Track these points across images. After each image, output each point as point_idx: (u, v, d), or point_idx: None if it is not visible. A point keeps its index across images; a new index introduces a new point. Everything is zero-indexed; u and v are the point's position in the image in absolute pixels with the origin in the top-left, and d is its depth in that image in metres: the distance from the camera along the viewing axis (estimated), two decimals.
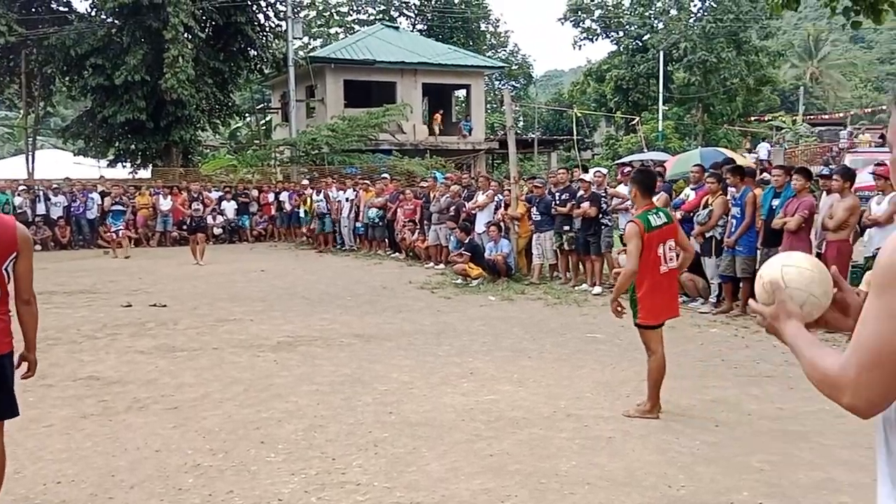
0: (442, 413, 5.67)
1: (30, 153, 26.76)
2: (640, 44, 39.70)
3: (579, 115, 24.84)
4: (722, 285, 9.89)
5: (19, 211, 20.01)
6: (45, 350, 7.78)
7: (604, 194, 11.92)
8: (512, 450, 4.88)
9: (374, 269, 15.32)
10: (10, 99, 28.06)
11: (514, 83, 53.83)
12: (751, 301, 1.81)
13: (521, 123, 51.95)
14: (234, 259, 17.24)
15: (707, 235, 9.90)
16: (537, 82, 69.59)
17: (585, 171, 14.47)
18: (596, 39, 42.29)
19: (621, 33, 40.94)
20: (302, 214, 20.49)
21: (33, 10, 25.09)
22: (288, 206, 22.13)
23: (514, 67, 52.48)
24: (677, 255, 5.60)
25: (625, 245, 5.86)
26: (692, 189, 10.86)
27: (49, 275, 14.16)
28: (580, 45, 44.01)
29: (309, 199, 19.84)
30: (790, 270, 1.71)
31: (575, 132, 27.29)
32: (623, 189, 12.21)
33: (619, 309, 5.51)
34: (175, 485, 4.37)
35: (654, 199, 6.05)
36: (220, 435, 5.22)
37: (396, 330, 8.90)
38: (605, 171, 13.63)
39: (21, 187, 21.09)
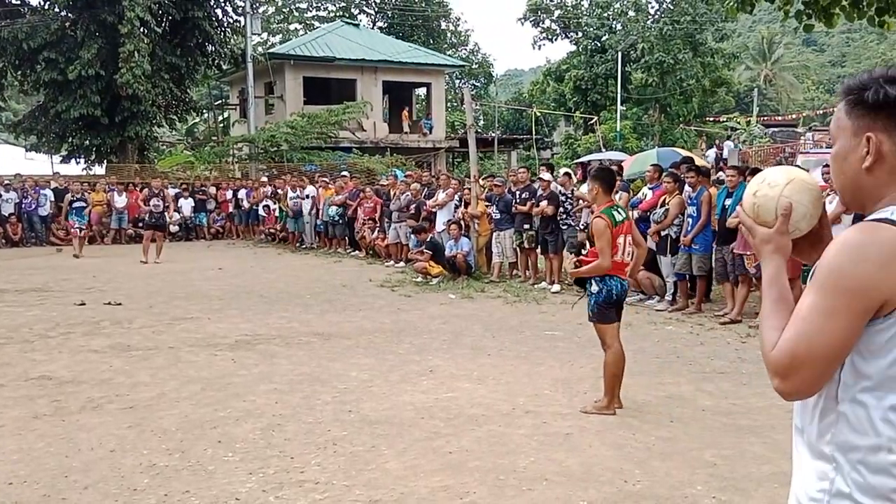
0: (401, 411, 5.67)
1: None
2: (599, 44, 40.00)
3: (538, 114, 24.99)
4: (677, 283, 10.04)
5: None
6: None
7: (570, 195, 12.00)
8: (471, 447, 4.90)
9: (335, 267, 15.25)
10: None
11: (474, 82, 53.89)
12: (739, 210, 1.84)
13: (481, 122, 52.00)
14: (190, 257, 17.02)
15: (663, 234, 10.05)
16: (497, 81, 69.74)
17: (552, 169, 14.54)
18: (555, 39, 42.49)
19: (580, 34, 41.20)
20: (277, 213, 20.19)
21: None
22: (246, 204, 21.91)
23: (474, 66, 52.56)
24: (632, 252, 5.70)
25: (592, 245, 5.93)
26: (649, 188, 11.01)
27: (0, 272, 13.87)
28: (540, 45, 44.25)
29: (284, 197, 19.52)
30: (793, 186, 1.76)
31: (534, 131, 27.43)
32: (584, 188, 12.33)
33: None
34: (130, 485, 4.31)
35: (616, 197, 6.16)
36: (176, 434, 5.16)
37: (356, 328, 8.87)
38: (571, 173, 13.74)
39: None
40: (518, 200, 12.34)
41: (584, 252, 6.55)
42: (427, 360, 7.30)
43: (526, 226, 12.20)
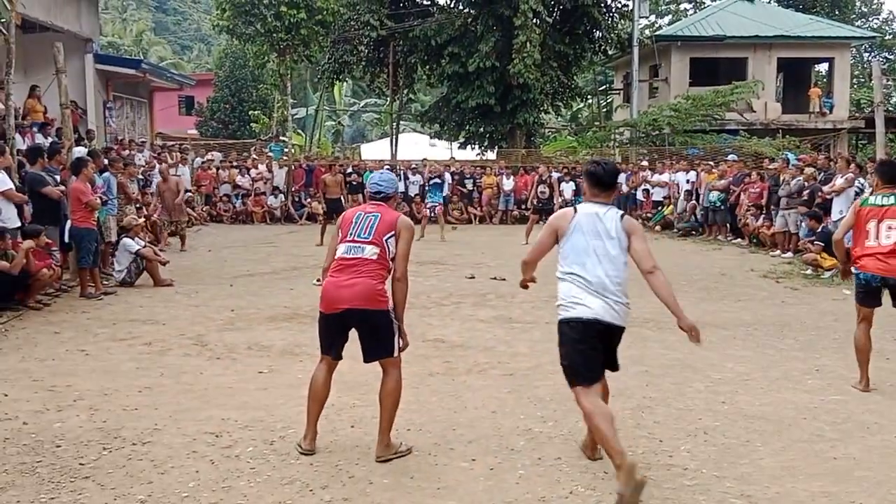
0: (781, 408, 5.32)
1: (394, 136, 29.71)
2: None
3: None
4: None
5: None
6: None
7: None
8: (860, 455, 4.44)
9: (714, 254, 14.70)
10: (380, 87, 31.29)
11: (887, 55, 47.77)
12: None
13: (893, 100, 46.00)
14: None
15: None
16: None
17: None
18: None
19: None
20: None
21: (401, 5, 27.72)
22: (625, 188, 22.04)
23: (887, 37, 46.57)
24: None
25: None
26: None
27: None
28: None
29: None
30: None
31: None
32: None
33: None
34: (508, 445, 4.65)
35: None
36: (550, 404, 5.43)
37: (734, 319, 8.49)
38: None
39: (386, 167, 23.53)
40: None
41: None
42: (813, 357, 6.74)
43: None
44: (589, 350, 4.02)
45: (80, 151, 11.55)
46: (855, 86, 39.93)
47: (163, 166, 16.03)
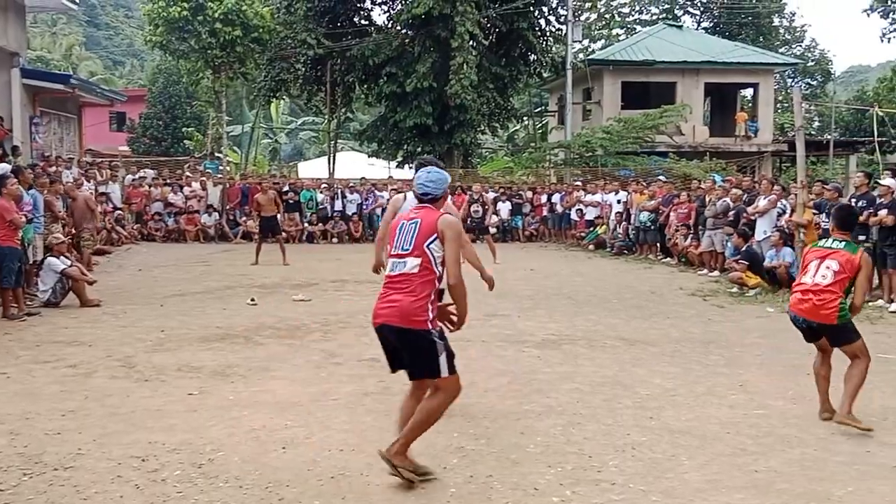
0: (706, 423, 5.47)
1: (331, 155, 29.62)
2: None
3: (881, 113, 22.33)
4: None
5: (321, 207, 22.30)
6: (336, 332, 8.65)
7: None
8: (780, 468, 4.59)
9: (644, 273, 15.03)
10: (317, 106, 31.20)
11: (809, 81, 49.74)
12: None
13: (815, 124, 47.87)
14: (505, 257, 17.75)
15: None
16: (837, 79, 63.68)
17: (895, 175, 13.02)
18: None
19: None
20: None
21: (339, 24, 27.75)
22: (559, 208, 22.40)
23: (809, 64, 48.53)
24: None
25: None
26: None
27: (343, 265, 15.63)
28: (889, 38, 39.62)
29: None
30: None
31: (876, 133, 24.59)
32: None
33: None
34: (441, 463, 4.66)
35: None
36: (483, 422, 5.47)
37: (662, 335, 8.70)
38: None
39: (323, 185, 23.46)
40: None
41: None
42: (737, 373, 6.95)
43: (862, 237, 11.03)
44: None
45: (2, 168, 11.20)
46: (779, 110, 41.45)
47: (67, 184, 15.08)
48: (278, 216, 16.50)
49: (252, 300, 10.71)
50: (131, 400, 5.89)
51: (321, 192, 22.71)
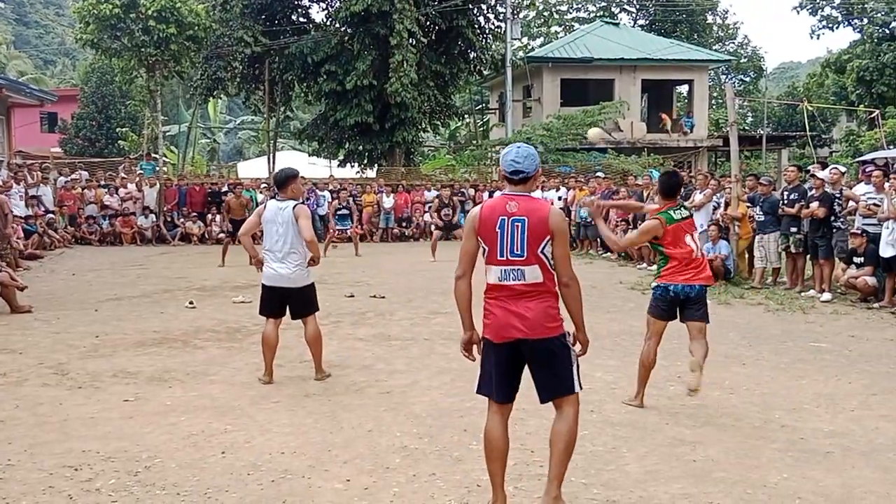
0: (644, 415, 5.56)
1: (271, 154, 29.23)
2: (888, 31, 36.01)
3: (811, 108, 22.99)
4: None
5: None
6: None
7: (838, 195, 11.02)
8: (717, 457, 4.69)
9: (585, 268, 15.19)
10: (256, 104, 30.73)
11: (742, 77, 51.03)
12: None
13: (749, 119, 49.16)
14: (447, 255, 17.81)
15: None
16: (769, 75, 65.46)
17: (825, 167, 13.43)
18: (836, 28, 38.92)
19: (865, 20, 37.36)
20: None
21: (276, 21, 27.40)
22: None
23: (742, 61, 49.76)
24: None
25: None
26: None
27: None
28: (818, 35, 40.82)
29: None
30: None
31: (807, 127, 25.33)
32: (861, 189, 11.26)
33: None
34: (384, 463, 4.64)
35: None
36: (426, 420, 5.46)
37: (603, 330, 8.80)
38: (842, 168, 12.58)
39: (263, 185, 23.13)
40: (786, 201, 11.52)
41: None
42: (675, 365, 7.06)
43: (793, 228, 11.37)
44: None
45: None
46: (714, 106, 42.46)
47: None
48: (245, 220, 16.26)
49: (190, 303, 10.50)
50: (64, 408, 5.72)
51: (261, 193, 22.38)
